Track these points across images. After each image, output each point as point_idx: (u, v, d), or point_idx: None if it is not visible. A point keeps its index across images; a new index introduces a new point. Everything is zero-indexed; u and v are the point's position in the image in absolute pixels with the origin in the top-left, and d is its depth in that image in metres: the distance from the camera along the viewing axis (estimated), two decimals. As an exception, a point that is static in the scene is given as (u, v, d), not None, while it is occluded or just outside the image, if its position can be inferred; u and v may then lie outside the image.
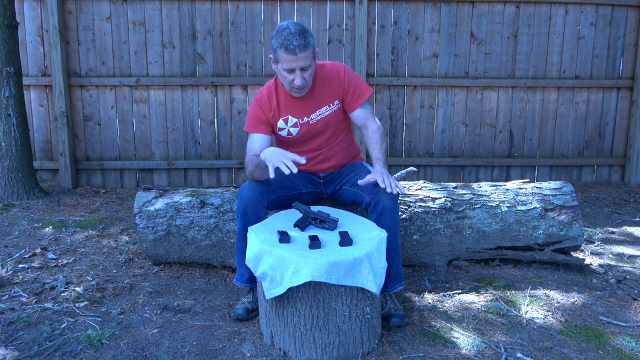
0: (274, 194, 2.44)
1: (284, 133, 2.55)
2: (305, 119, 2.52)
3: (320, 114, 2.51)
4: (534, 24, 5.04)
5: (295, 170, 2.13)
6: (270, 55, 2.38)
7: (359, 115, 2.54)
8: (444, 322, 2.36)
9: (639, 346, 2.18)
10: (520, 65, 5.10)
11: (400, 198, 2.89)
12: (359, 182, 2.30)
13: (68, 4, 4.80)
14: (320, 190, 2.65)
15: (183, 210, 2.87)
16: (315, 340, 2.05)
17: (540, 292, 2.67)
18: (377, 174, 2.28)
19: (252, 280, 2.47)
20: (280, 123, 2.53)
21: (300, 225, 2.21)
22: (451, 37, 5.02)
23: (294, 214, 2.39)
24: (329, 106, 2.51)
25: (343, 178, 2.61)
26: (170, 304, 2.55)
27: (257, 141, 2.50)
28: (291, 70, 2.32)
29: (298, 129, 2.53)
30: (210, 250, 2.89)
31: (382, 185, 2.23)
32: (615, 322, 2.37)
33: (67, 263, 3.04)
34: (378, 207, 2.31)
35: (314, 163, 2.63)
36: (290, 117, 2.51)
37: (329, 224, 2.22)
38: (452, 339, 2.23)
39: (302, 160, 2.16)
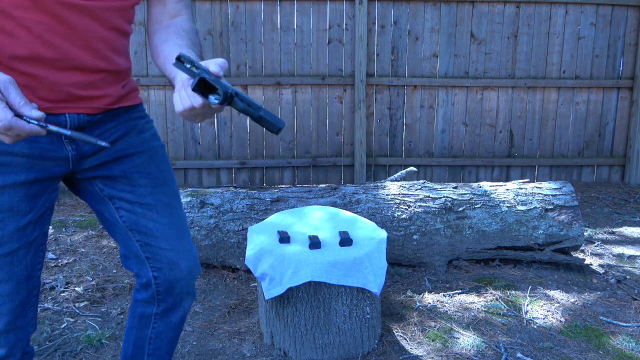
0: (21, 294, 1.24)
1: None
2: None
3: None
4: (534, 24, 5.04)
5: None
6: None
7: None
8: (444, 322, 2.36)
9: (639, 346, 2.18)
10: (520, 65, 5.10)
11: (400, 198, 2.89)
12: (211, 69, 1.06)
13: (68, 4, 4.80)
14: (65, 169, 1.25)
15: (183, 210, 2.87)
16: (315, 340, 2.05)
17: (540, 292, 2.67)
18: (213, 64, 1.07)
19: None
20: None
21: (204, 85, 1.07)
22: (451, 37, 5.02)
23: (294, 214, 2.38)
24: None
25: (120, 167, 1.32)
26: (170, 304, 2.55)
27: None
28: None
29: None
30: (210, 250, 2.89)
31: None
32: (615, 322, 2.37)
33: (67, 263, 3.04)
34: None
35: (53, 70, 1.16)
36: None
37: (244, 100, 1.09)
38: (452, 339, 2.23)
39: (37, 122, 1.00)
